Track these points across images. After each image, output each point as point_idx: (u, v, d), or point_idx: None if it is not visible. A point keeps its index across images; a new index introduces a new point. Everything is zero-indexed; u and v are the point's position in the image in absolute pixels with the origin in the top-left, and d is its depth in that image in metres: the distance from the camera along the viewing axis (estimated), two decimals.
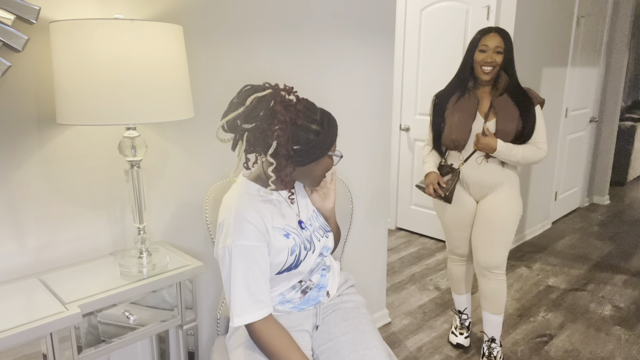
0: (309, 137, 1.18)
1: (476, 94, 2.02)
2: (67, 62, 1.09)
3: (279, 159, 1.17)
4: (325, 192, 1.43)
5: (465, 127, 1.99)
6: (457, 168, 2.07)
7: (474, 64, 1.97)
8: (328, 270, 1.45)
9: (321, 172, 1.28)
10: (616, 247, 3.73)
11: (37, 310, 1.10)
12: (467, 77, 2.02)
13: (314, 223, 1.38)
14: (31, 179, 1.29)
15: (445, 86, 2.11)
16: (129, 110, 1.12)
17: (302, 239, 1.31)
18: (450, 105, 2.05)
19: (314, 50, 1.92)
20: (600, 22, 4.25)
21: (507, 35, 1.94)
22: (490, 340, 2.22)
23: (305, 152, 1.19)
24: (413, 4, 3.61)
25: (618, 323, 2.60)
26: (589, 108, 4.45)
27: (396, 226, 4.12)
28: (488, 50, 1.93)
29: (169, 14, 1.47)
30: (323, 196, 1.43)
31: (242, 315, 1.18)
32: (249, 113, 1.13)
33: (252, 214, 1.21)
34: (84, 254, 1.42)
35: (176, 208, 1.61)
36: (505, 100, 1.98)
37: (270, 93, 1.14)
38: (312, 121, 1.19)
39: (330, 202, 1.43)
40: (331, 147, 1.23)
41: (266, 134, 1.14)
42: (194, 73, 1.57)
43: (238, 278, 1.18)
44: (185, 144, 1.59)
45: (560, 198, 4.35)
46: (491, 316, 2.17)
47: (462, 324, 2.39)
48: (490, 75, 1.95)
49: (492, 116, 1.99)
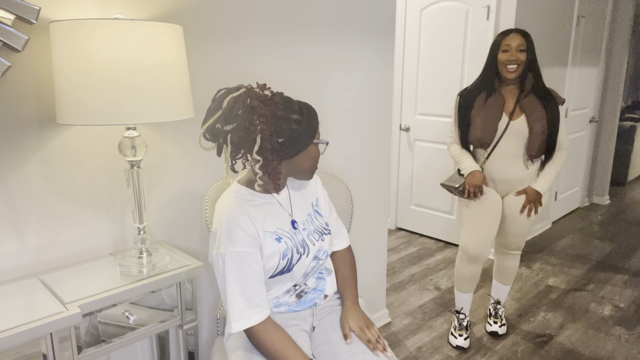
0: (292, 127, 1.18)
1: (502, 94, 2.09)
2: (67, 62, 1.09)
3: (265, 153, 1.16)
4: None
5: (492, 126, 2.07)
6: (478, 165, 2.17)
7: (498, 64, 2.04)
8: (328, 274, 1.44)
9: (311, 162, 1.27)
10: (616, 247, 3.73)
11: (37, 310, 1.10)
12: (491, 77, 2.09)
13: (309, 227, 1.36)
14: (31, 178, 1.29)
15: (470, 85, 2.18)
16: (129, 110, 1.12)
17: (295, 243, 1.30)
18: (477, 105, 2.11)
19: (313, 50, 1.92)
20: (600, 22, 4.25)
21: (528, 35, 2.01)
22: (496, 302, 2.50)
23: (291, 143, 1.19)
24: (413, 4, 3.61)
25: (618, 323, 2.60)
26: (589, 108, 4.45)
27: (396, 226, 4.12)
28: (511, 49, 1.99)
29: (168, 14, 1.47)
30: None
31: (239, 321, 1.18)
32: (228, 114, 1.13)
33: (243, 220, 1.21)
34: (84, 254, 1.42)
35: (176, 208, 1.61)
36: (533, 101, 2.06)
37: (244, 91, 1.15)
38: (292, 111, 1.19)
39: None
40: (315, 134, 1.23)
41: (249, 130, 1.14)
42: (194, 73, 1.57)
43: (233, 284, 1.18)
44: (185, 144, 1.59)
45: (560, 198, 4.35)
46: (502, 286, 2.45)
47: (460, 324, 2.40)
48: (515, 73, 2.01)
49: (517, 115, 2.06)
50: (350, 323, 1.35)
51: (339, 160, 2.15)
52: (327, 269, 1.45)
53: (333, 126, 2.08)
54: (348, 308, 1.40)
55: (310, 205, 1.41)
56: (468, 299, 2.38)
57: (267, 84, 1.22)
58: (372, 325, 1.36)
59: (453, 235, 3.73)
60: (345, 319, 1.36)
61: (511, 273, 2.39)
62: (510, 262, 2.36)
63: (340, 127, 2.11)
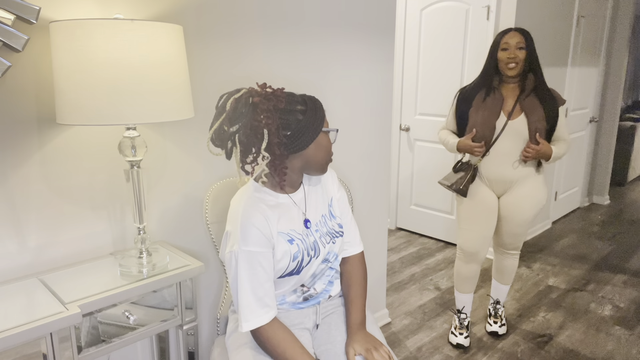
0: (298, 117, 1.18)
1: (501, 93, 2.08)
2: (67, 62, 1.09)
3: (273, 148, 1.16)
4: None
5: (489, 124, 2.06)
6: (472, 163, 2.17)
7: (499, 63, 2.05)
8: (336, 277, 1.43)
9: (324, 153, 1.25)
10: (616, 247, 3.73)
11: (37, 310, 1.10)
12: (491, 76, 2.09)
13: (322, 228, 1.35)
14: (31, 178, 1.29)
15: (470, 83, 2.18)
16: (129, 110, 1.12)
17: (307, 245, 1.29)
18: (476, 103, 2.11)
19: (313, 50, 1.92)
20: (600, 22, 4.25)
21: (527, 33, 2.01)
22: (496, 302, 2.50)
23: (300, 134, 1.18)
24: (413, 4, 3.61)
25: (618, 323, 2.60)
26: (589, 108, 4.45)
27: (396, 226, 4.12)
28: (510, 47, 2.00)
29: (168, 14, 1.47)
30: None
31: (250, 320, 1.19)
32: (232, 115, 1.14)
33: (258, 218, 1.20)
34: (84, 254, 1.42)
35: (176, 208, 1.61)
36: (533, 101, 2.05)
37: (246, 92, 1.16)
38: (296, 103, 1.19)
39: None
40: (322, 122, 1.21)
41: (255, 127, 1.14)
42: (194, 73, 1.57)
43: (245, 284, 1.18)
44: (185, 144, 1.59)
45: (560, 198, 4.36)
46: (500, 285, 2.45)
47: (461, 323, 2.40)
48: (515, 70, 2.01)
49: (516, 114, 2.05)
50: (356, 347, 1.27)
51: (339, 160, 2.15)
52: (337, 271, 1.43)
53: (333, 126, 2.08)
54: (353, 332, 1.32)
55: (327, 205, 1.39)
56: (468, 299, 2.38)
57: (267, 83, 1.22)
58: (381, 345, 1.28)
59: (453, 235, 3.73)
60: (350, 344, 1.29)
61: (510, 273, 2.40)
62: (508, 261, 2.37)
63: (340, 127, 2.11)
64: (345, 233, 1.42)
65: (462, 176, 2.18)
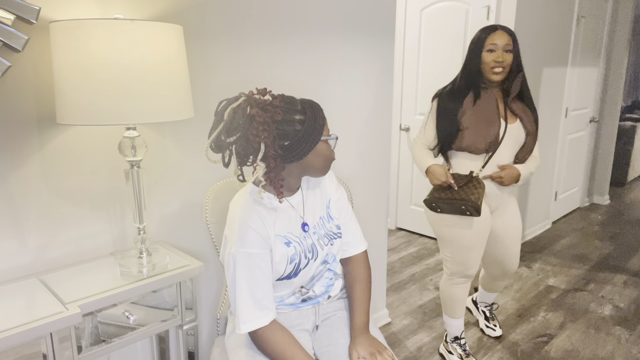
0: (296, 128, 1.16)
1: (492, 96, 1.89)
2: (67, 62, 1.09)
3: (268, 160, 1.16)
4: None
5: (493, 133, 1.85)
6: (477, 175, 1.90)
7: (482, 65, 1.84)
8: (336, 279, 1.42)
9: (322, 160, 1.24)
10: (616, 247, 3.73)
11: (37, 310, 1.10)
12: (476, 77, 1.87)
13: (319, 231, 1.35)
14: (31, 179, 1.29)
15: (447, 86, 1.96)
16: (129, 110, 1.12)
17: (304, 247, 1.29)
18: (467, 108, 1.87)
19: (313, 50, 1.92)
20: (600, 22, 4.25)
21: (513, 33, 1.83)
22: (490, 305, 2.49)
23: (297, 145, 1.17)
24: (413, 4, 3.61)
25: (618, 323, 2.60)
26: (589, 108, 4.45)
27: (396, 226, 4.12)
28: (497, 49, 1.80)
29: (169, 14, 1.47)
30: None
31: (248, 322, 1.18)
32: (230, 126, 1.13)
33: (255, 221, 1.21)
34: (84, 254, 1.42)
35: (176, 208, 1.61)
36: (519, 103, 1.92)
37: (244, 100, 1.14)
38: (294, 112, 1.17)
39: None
40: (321, 131, 1.20)
41: (251, 139, 1.13)
42: (194, 73, 1.57)
43: (243, 286, 1.19)
44: (185, 144, 1.59)
45: (560, 198, 4.35)
46: (490, 294, 2.42)
47: (465, 350, 2.19)
48: (501, 75, 1.82)
49: (512, 119, 1.91)
50: (359, 350, 1.27)
51: (339, 160, 2.15)
52: (336, 273, 1.43)
53: (333, 126, 2.08)
54: (356, 335, 1.31)
55: (325, 207, 1.39)
56: (462, 323, 2.18)
57: (267, 88, 1.21)
58: (384, 349, 1.27)
59: None
60: (353, 347, 1.28)
61: (502, 286, 2.33)
62: (506, 281, 2.28)
63: (340, 127, 2.11)
64: (345, 232, 1.42)
65: (474, 191, 1.83)
